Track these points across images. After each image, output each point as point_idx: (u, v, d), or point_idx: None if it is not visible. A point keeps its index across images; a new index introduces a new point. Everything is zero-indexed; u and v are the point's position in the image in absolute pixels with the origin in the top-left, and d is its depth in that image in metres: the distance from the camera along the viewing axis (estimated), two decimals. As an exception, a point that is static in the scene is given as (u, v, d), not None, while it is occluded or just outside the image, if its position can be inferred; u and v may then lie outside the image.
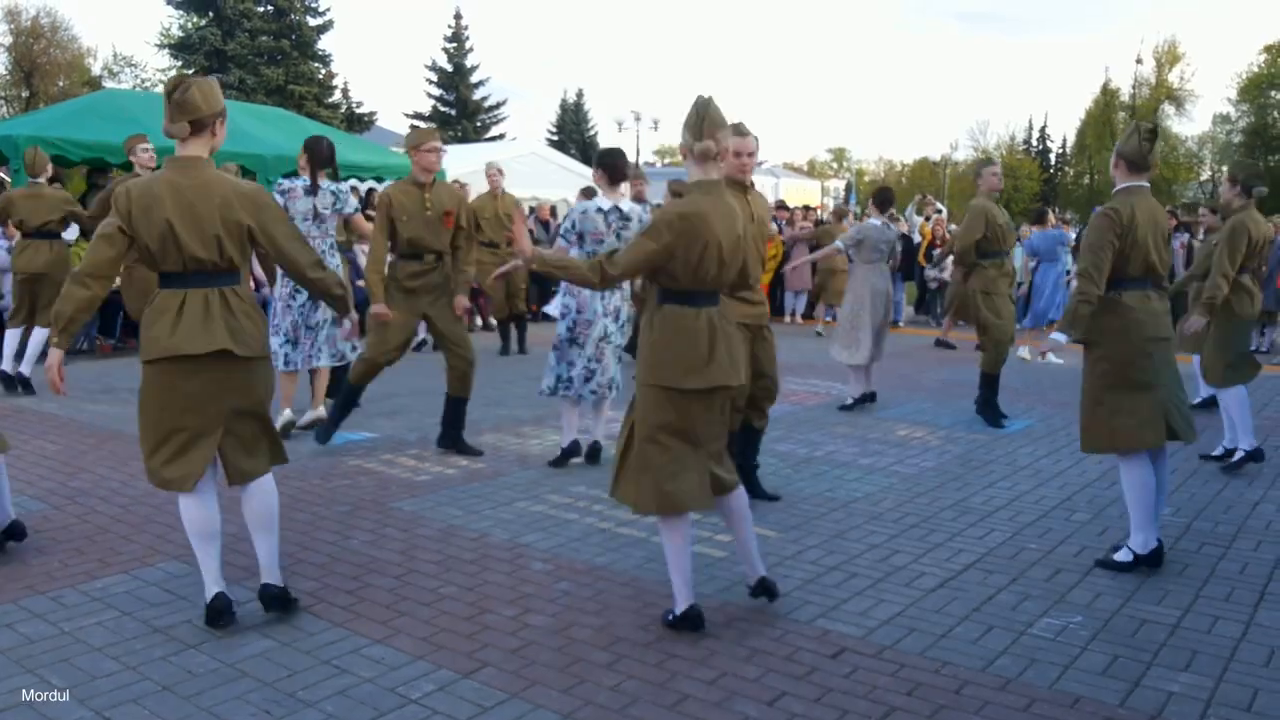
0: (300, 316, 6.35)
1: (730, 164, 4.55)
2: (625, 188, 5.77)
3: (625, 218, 5.66)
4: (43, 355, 7.56)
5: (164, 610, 3.71)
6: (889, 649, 3.52)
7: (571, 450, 6.01)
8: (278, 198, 6.19)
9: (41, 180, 8.11)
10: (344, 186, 6.49)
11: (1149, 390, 4.31)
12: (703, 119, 3.49)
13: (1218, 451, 6.49)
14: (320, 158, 6.26)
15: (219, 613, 3.52)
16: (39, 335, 7.95)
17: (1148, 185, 4.42)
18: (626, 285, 5.51)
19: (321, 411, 6.59)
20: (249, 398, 3.55)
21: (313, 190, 6.26)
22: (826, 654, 3.47)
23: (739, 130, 4.62)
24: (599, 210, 5.62)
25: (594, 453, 6.08)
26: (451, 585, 4.03)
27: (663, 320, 3.53)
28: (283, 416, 6.40)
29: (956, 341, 12.26)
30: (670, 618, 3.64)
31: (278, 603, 3.63)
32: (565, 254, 5.47)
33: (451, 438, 6.29)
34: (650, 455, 3.53)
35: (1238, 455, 6.19)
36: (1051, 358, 10.60)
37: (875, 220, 8.20)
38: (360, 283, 12.10)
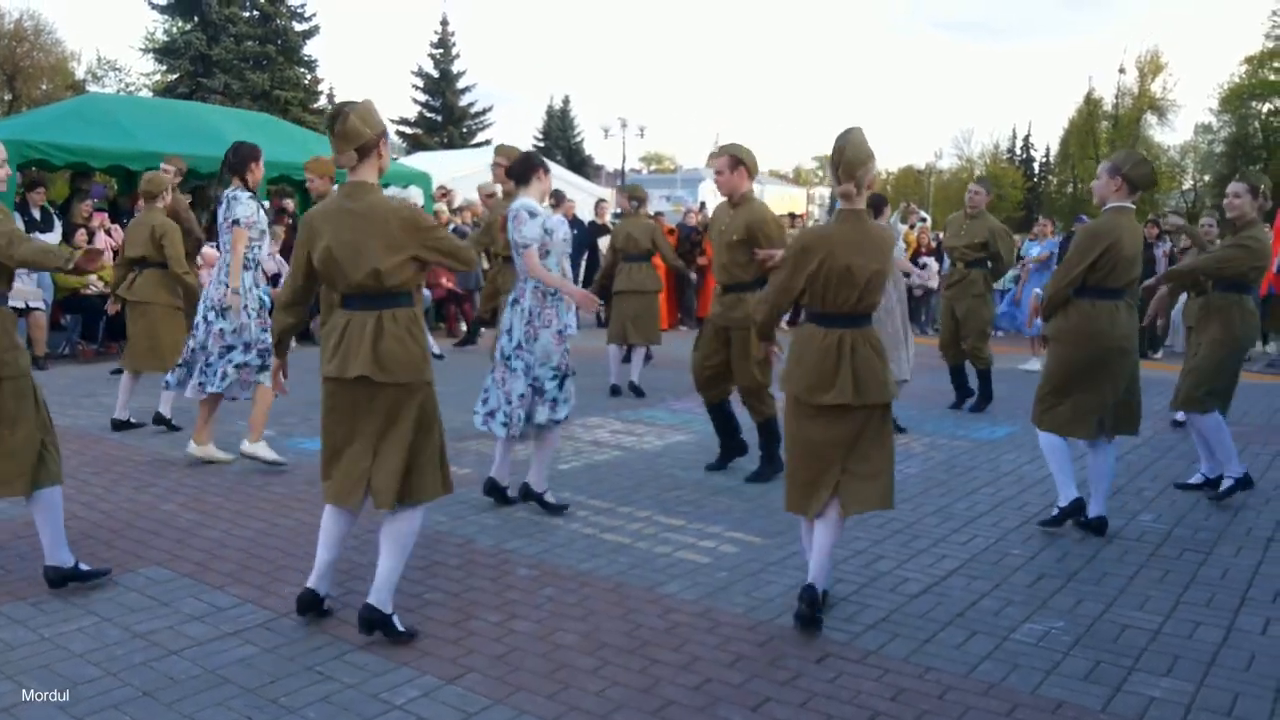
0: (190, 339, 6.01)
1: None
2: (535, 189, 5.10)
3: (515, 218, 5.01)
4: None
5: (145, 616, 3.69)
6: (873, 654, 3.53)
7: (490, 488, 5.31)
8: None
9: None
10: (240, 195, 5.82)
11: (1092, 393, 4.82)
12: (838, 164, 3.72)
13: (1195, 480, 5.99)
14: (226, 163, 5.86)
15: (301, 603, 3.66)
16: None
17: (1133, 207, 4.81)
18: (526, 299, 4.98)
19: (200, 450, 6.03)
20: (392, 423, 3.51)
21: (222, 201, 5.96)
22: (811, 659, 3.48)
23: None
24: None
25: (521, 496, 5.29)
26: (436, 591, 4.02)
27: (798, 337, 3.87)
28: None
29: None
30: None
31: (364, 624, 3.50)
32: None
33: None
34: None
35: (1226, 484, 5.67)
36: (1036, 364, 10.78)
37: None
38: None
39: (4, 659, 3.30)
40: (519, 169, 5.16)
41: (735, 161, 5.61)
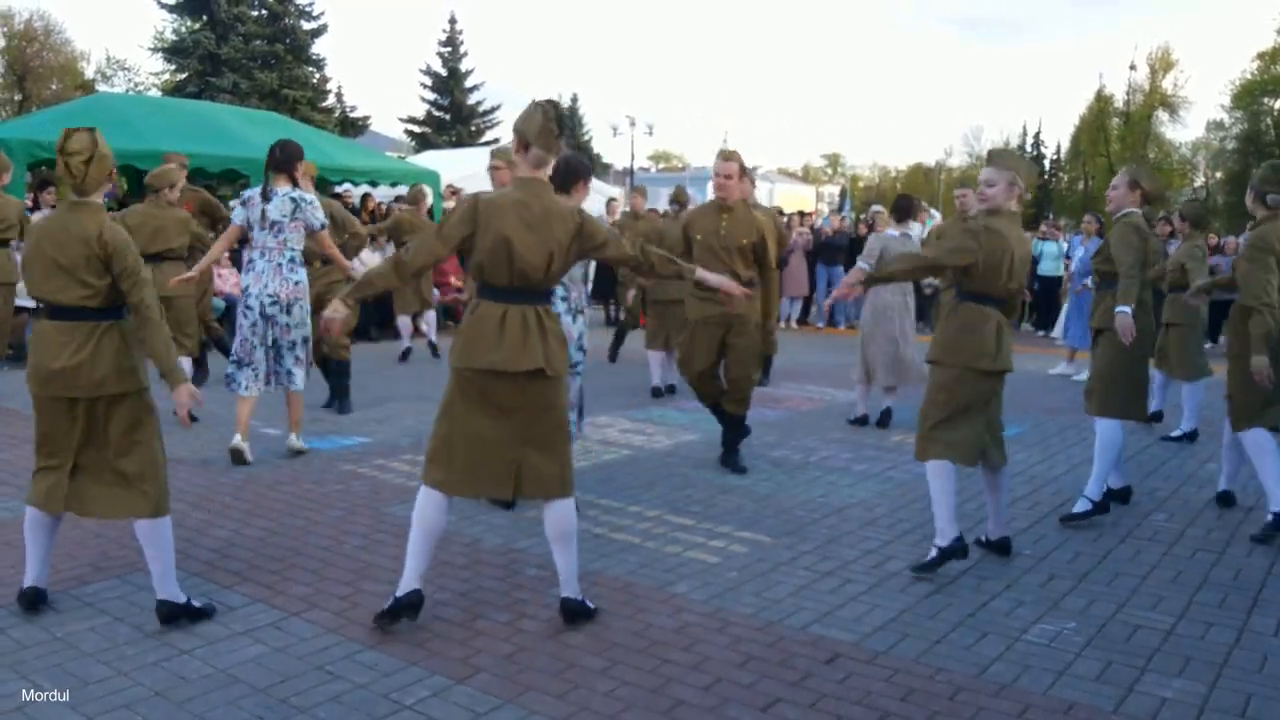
0: (252, 335, 5.89)
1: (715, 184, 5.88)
2: (576, 200, 4.93)
3: None
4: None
5: (155, 615, 3.69)
6: (883, 655, 3.52)
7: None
8: (237, 208, 6.02)
9: None
10: (311, 196, 5.97)
11: (1144, 375, 5.24)
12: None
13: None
14: (273, 161, 5.90)
15: (399, 608, 3.60)
16: None
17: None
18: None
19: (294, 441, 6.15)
20: (549, 415, 3.60)
21: (266, 197, 5.89)
22: (820, 659, 3.47)
23: (722, 155, 5.86)
24: None
25: None
26: (445, 590, 4.02)
27: (964, 313, 4.41)
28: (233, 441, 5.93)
29: None
30: (933, 554, 4.29)
31: (573, 616, 3.68)
32: None
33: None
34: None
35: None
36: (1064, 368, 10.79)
37: (892, 232, 7.63)
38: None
39: (16, 658, 3.31)
40: (561, 177, 4.76)
41: (743, 169, 5.92)
